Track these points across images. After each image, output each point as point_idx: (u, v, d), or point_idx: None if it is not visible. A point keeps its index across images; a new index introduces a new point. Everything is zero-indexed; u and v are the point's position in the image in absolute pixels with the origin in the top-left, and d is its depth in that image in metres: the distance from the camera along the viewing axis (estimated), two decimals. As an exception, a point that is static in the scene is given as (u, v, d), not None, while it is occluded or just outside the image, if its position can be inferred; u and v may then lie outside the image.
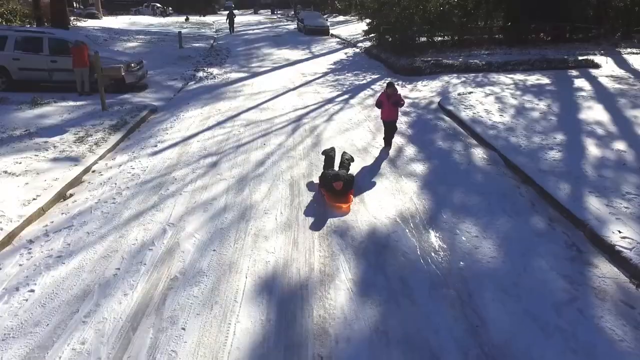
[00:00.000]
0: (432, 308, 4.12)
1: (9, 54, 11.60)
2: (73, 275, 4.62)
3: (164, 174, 7.07)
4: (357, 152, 7.89)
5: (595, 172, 6.65)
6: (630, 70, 13.60)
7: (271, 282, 4.46)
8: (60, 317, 4.04)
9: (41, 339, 3.79)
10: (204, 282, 4.46)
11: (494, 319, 3.97)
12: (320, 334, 3.81)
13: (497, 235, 5.27)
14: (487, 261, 4.79)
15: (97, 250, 5.06)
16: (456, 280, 4.50)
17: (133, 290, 4.37)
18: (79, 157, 7.60)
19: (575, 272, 4.61)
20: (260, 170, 7.11)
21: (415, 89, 12.63)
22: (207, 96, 12.17)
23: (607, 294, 4.28)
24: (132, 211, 5.92)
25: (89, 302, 4.23)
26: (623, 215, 5.39)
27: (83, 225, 5.60)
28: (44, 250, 5.10)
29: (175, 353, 3.62)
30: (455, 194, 6.32)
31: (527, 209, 5.92)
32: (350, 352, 3.62)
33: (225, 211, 5.85)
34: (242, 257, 4.85)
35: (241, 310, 4.07)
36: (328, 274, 4.57)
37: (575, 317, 4.00)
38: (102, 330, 3.88)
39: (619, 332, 3.81)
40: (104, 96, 10.26)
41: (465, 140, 8.48)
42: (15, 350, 3.67)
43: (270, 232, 5.35)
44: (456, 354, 3.60)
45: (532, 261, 4.79)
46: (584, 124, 8.81)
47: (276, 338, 3.77)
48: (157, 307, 4.14)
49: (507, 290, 4.34)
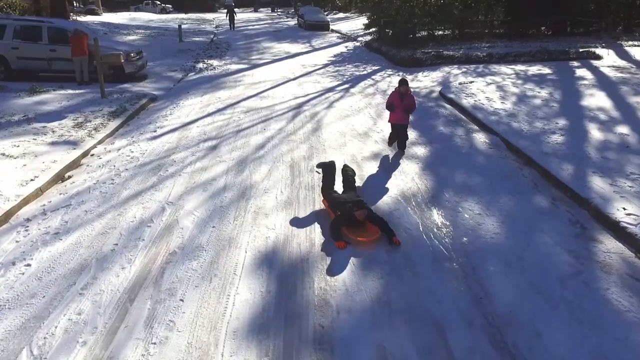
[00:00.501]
0: (435, 281, 4.05)
1: (7, 43, 11.54)
2: (70, 251, 4.55)
3: (163, 156, 7.00)
4: (358, 136, 7.83)
5: (598, 154, 6.59)
6: (632, 61, 13.53)
7: (271, 257, 4.39)
8: (57, 289, 3.97)
9: (37, 310, 3.71)
10: (203, 256, 4.40)
11: (497, 291, 3.91)
12: (322, 304, 3.74)
13: (500, 213, 5.20)
14: (491, 237, 4.72)
15: (94, 227, 4.99)
16: (459, 254, 4.43)
17: (131, 264, 4.30)
18: (77, 141, 7.53)
19: (580, 248, 4.54)
20: (261, 153, 7.05)
21: (416, 79, 12.56)
22: (207, 86, 12.11)
23: (612, 268, 4.21)
24: (130, 191, 5.85)
25: (86, 275, 4.16)
26: (627, 194, 5.32)
27: (81, 205, 5.53)
28: (41, 227, 5.03)
29: (173, 323, 3.55)
30: (457, 174, 6.25)
31: (530, 189, 5.85)
32: (352, 322, 3.55)
33: (225, 190, 5.78)
34: (241, 233, 4.78)
35: (240, 283, 4.00)
36: (330, 250, 4.50)
37: (581, 289, 3.92)
38: (99, 301, 3.80)
39: (625, 303, 3.74)
40: (103, 83, 10.19)
41: (466, 126, 8.42)
42: (11, 320, 3.60)
43: (270, 209, 5.28)
44: (460, 324, 3.53)
45: (535, 237, 4.72)
46: (586, 110, 8.75)
47: (276, 309, 3.70)
48: (155, 280, 4.07)
49: (511, 264, 4.27)
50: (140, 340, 3.38)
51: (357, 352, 3.26)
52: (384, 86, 11.85)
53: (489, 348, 3.32)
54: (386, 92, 11.10)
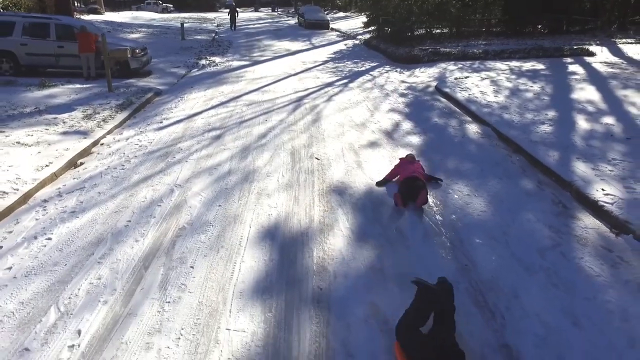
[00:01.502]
0: (425, 251, 4.41)
1: (16, 40, 11.88)
2: (87, 227, 4.90)
3: (170, 145, 7.36)
4: (356, 126, 8.18)
5: (583, 142, 6.93)
6: (624, 57, 13.88)
7: (274, 231, 4.74)
8: (77, 259, 4.33)
9: (60, 276, 4.07)
10: (211, 230, 4.75)
11: (482, 261, 4.26)
12: (320, 270, 4.09)
13: (488, 194, 5.55)
14: (478, 214, 5.08)
15: (108, 206, 5.35)
16: (448, 230, 4.78)
17: (144, 238, 4.65)
18: (87, 131, 7.88)
19: (560, 224, 4.89)
20: (263, 142, 7.40)
21: (413, 75, 12.92)
22: (210, 81, 12.47)
23: (588, 241, 4.57)
24: (140, 175, 6.20)
25: (102, 247, 4.51)
26: (607, 177, 5.67)
27: (94, 187, 5.88)
28: (58, 207, 5.39)
29: (184, 286, 3.90)
30: (449, 161, 6.60)
31: (517, 174, 6.20)
32: (347, 284, 3.91)
33: (230, 174, 6.14)
34: (246, 211, 5.14)
35: (246, 252, 4.36)
36: (327, 224, 4.86)
37: (558, 259, 4.28)
38: (116, 268, 4.16)
39: (597, 269, 4.10)
40: (110, 77, 10.54)
41: (460, 118, 8.77)
42: (37, 284, 3.95)
43: (273, 191, 5.64)
44: (446, 287, 3.88)
45: (520, 215, 5.07)
46: (575, 102, 9.10)
47: (278, 274, 4.05)
48: (167, 251, 4.42)
49: (496, 238, 4.62)
50: (155, 300, 3.73)
51: (352, 308, 3.61)
52: (381, 81, 12.21)
53: (471, 307, 3.67)
54: (384, 87, 11.48)
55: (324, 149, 7.04)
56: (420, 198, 5.11)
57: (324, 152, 6.91)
